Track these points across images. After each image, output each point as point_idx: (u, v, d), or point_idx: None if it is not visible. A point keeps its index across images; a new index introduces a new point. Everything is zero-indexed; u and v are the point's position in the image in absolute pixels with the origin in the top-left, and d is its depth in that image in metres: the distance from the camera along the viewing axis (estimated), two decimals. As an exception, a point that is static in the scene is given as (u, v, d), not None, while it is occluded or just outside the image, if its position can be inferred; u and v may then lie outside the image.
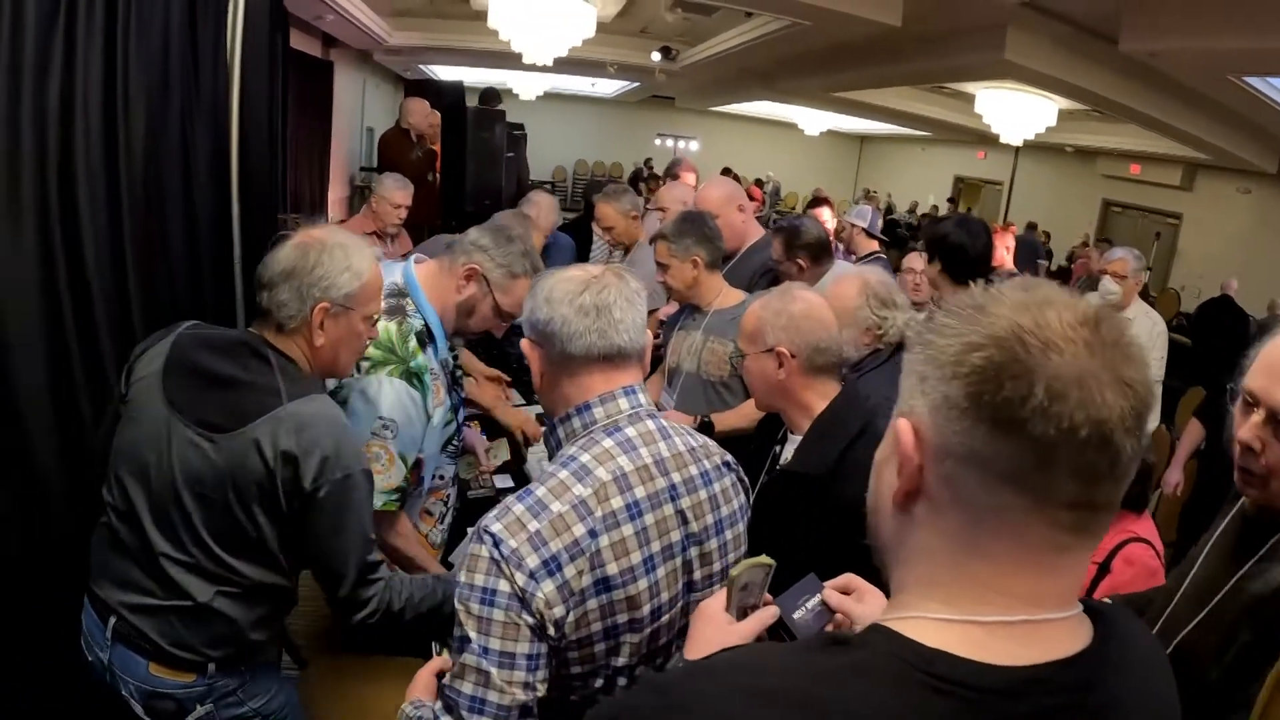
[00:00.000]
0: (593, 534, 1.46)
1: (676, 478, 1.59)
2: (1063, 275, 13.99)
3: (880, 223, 5.79)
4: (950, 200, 21.07)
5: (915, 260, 4.67)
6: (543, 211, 4.76)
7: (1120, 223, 17.52)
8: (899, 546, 0.91)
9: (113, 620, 1.99)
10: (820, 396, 2.25)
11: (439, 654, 1.89)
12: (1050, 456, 0.77)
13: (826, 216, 6.28)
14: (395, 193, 5.20)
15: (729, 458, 1.75)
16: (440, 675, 1.51)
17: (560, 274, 1.65)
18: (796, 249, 3.92)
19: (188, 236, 3.02)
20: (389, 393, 2.22)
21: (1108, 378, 0.77)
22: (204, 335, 2.05)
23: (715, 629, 1.39)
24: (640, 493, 1.52)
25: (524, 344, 1.68)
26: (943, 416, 0.82)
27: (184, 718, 2.02)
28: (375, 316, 2.12)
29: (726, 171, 16.72)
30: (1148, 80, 9.64)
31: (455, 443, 2.63)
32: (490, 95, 7.66)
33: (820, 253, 3.97)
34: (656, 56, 12.48)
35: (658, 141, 22.59)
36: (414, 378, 2.26)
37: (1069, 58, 9.21)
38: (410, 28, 12.14)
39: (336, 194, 14.97)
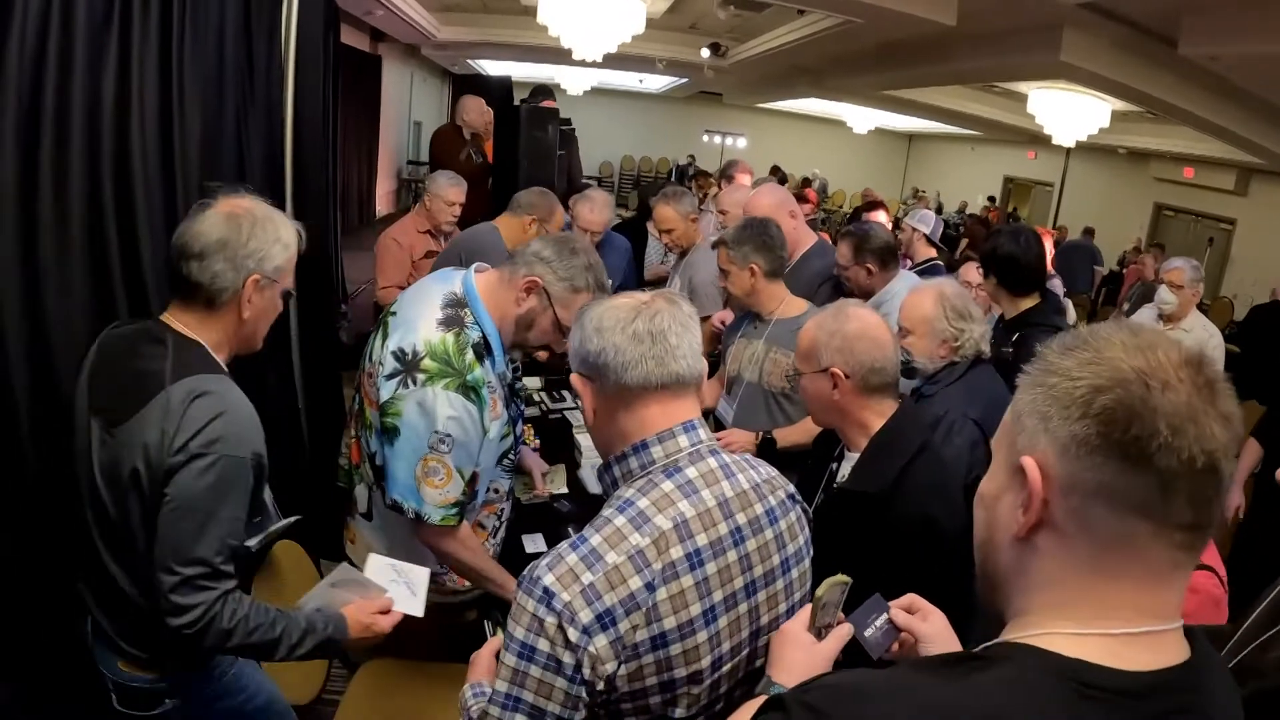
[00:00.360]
0: (650, 587, 1.36)
1: (741, 519, 1.48)
2: (1114, 280, 13.74)
3: (941, 229, 5.66)
4: (989, 199, 20.80)
5: (971, 273, 4.61)
6: (596, 208, 4.66)
7: (1173, 227, 17.14)
8: (1019, 574, 0.97)
9: (89, 618, 2.01)
10: (877, 415, 2.21)
11: (493, 634, 1.88)
12: (1172, 486, 0.85)
13: (882, 219, 6.16)
14: (449, 190, 5.09)
15: (791, 489, 1.65)
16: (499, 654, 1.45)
17: (608, 302, 1.56)
18: (865, 254, 3.86)
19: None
20: (445, 406, 2.17)
21: (1214, 413, 0.85)
22: (118, 331, 2.01)
23: (802, 650, 1.42)
24: (702, 540, 1.42)
25: (574, 379, 1.59)
26: (1072, 454, 0.88)
27: (155, 708, 2.01)
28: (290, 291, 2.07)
29: (775, 170, 16.64)
30: (1204, 83, 9.42)
31: (511, 457, 2.57)
32: (541, 91, 7.57)
33: (888, 258, 3.90)
34: (705, 53, 12.43)
35: (705, 138, 22.47)
36: (470, 391, 2.20)
37: (1125, 59, 9.00)
38: (458, 23, 12.21)
39: (384, 187, 15.13)
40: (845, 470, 2.25)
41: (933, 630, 1.49)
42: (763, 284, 3.33)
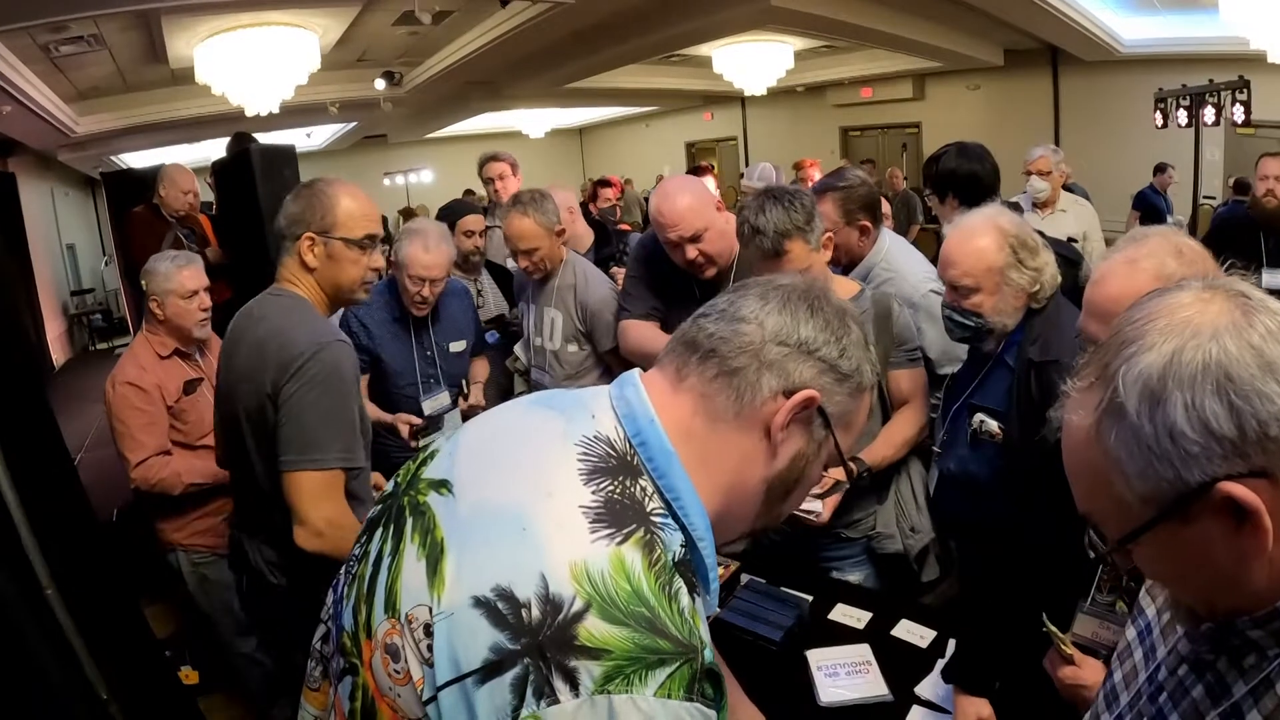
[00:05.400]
0: None
1: None
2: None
3: (785, 179, 5.12)
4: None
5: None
6: (432, 243, 3.39)
7: (861, 145, 18.15)
8: None
9: None
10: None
11: None
12: None
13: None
14: (180, 276, 3.45)
15: None
16: None
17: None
18: (857, 210, 3.05)
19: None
20: None
21: None
22: None
23: None
24: None
25: (1237, 492, 0.78)
26: None
27: None
28: None
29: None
30: (893, 4, 10.01)
31: None
32: (243, 137, 5.89)
33: (879, 212, 3.15)
34: (380, 84, 11.28)
35: (386, 181, 21.23)
36: (708, 681, 0.95)
37: None
38: (99, 109, 10.39)
39: (54, 330, 12.89)
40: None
41: None
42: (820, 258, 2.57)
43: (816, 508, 2.45)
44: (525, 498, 1.00)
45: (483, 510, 1.02)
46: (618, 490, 1.01)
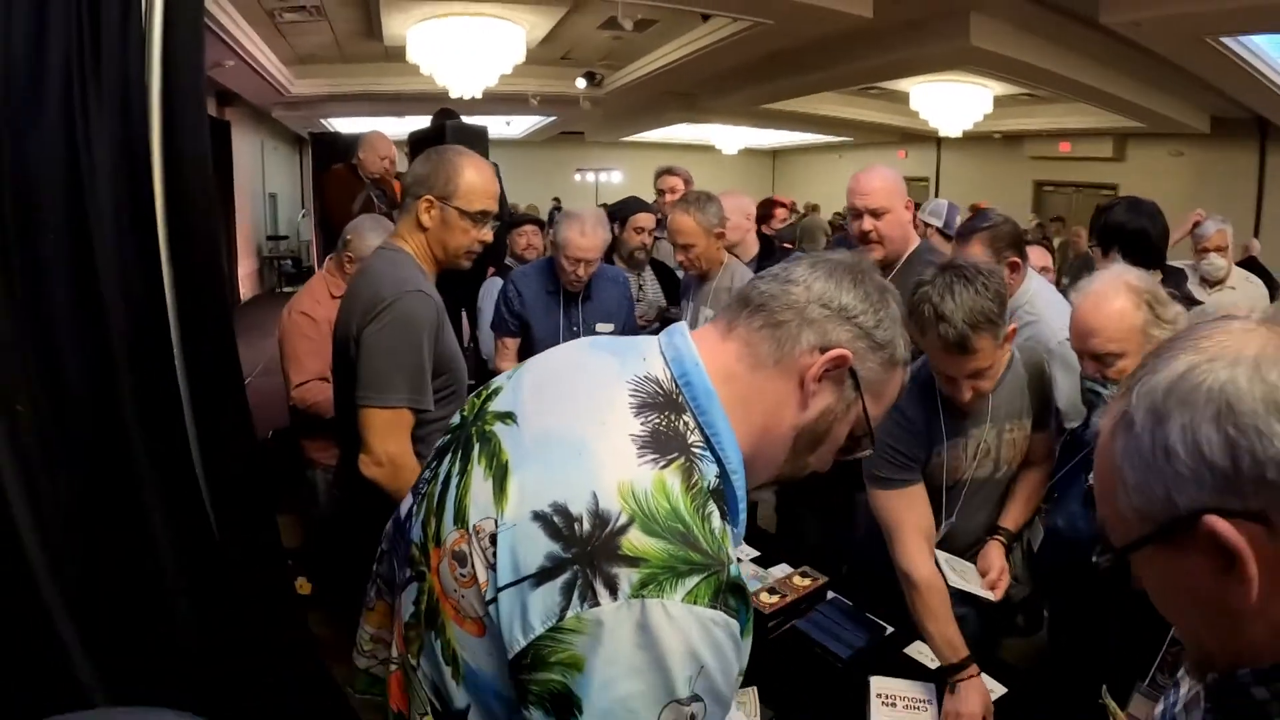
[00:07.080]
0: None
1: None
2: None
3: (959, 219, 5.09)
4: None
5: (1040, 256, 4.02)
6: (589, 227, 3.62)
7: (1054, 201, 17.46)
8: None
9: None
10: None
11: None
12: None
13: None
14: (375, 238, 3.56)
15: None
16: None
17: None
18: (1006, 247, 3.00)
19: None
20: (697, 641, 1.01)
21: None
22: None
23: None
24: None
25: (1219, 528, 0.76)
26: None
27: None
28: None
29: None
30: (1099, 56, 9.56)
31: None
32: (446, 113, 6.26)
33: (1024, 249, 3.13)
34: (581, 83, 11.64)
35: (577, 177, 21.81)
36: (735, 594, 1.06)
37: (1029, 39, 9.02)
38: (314, 74, 11.12)
39: (246, 268, 13.81)
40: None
41: None
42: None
43: (990, 595, 2.39)
44: (582, 426, 1.12)
45: (544, 437, 1.15)
46: (663, 424, 1.12)
